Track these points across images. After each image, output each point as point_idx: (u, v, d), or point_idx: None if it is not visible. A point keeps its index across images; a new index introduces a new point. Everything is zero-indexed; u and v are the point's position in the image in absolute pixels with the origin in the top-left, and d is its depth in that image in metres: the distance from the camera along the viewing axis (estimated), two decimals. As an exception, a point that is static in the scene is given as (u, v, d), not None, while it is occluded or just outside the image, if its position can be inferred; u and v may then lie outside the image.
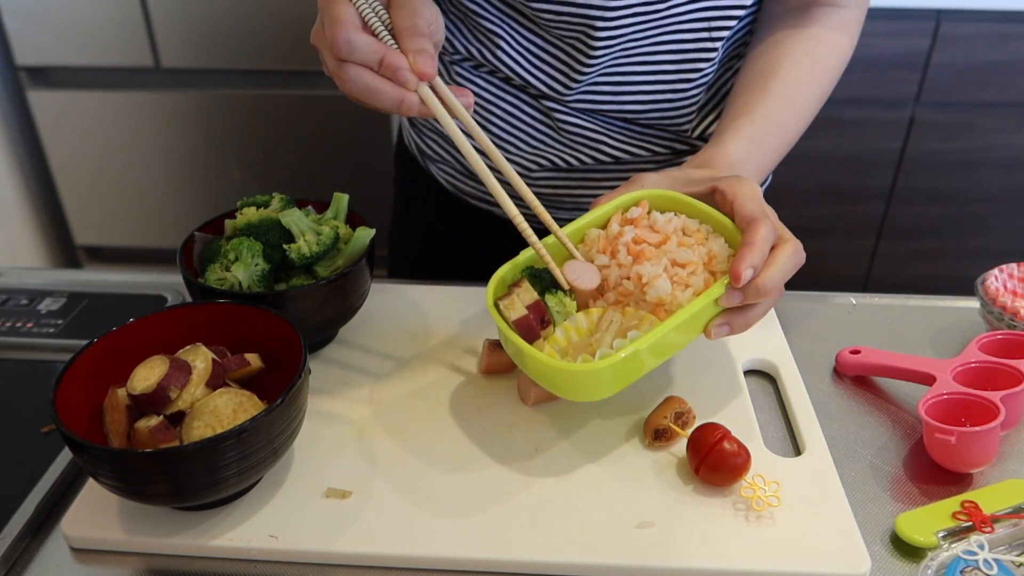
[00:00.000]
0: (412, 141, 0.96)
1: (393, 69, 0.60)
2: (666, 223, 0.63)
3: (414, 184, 0.99)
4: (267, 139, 1.93)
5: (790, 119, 0.74)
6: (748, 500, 0.58)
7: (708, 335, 0.61)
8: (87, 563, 0.57)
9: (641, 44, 0.76)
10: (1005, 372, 0.66)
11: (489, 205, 0.92)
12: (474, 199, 0.93)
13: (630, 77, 0.79)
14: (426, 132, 0.93)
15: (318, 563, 0.56)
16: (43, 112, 1.93)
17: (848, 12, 0.78)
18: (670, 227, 0.62)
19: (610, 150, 0.83)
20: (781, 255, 0.60)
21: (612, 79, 0.79)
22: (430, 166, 0.95)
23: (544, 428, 0.65)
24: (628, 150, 0.84)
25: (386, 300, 0.81)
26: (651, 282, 0.59)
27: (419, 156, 0.96)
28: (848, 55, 0.79)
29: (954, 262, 2.01)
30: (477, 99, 0.84)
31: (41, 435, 0.65)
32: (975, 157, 1.87)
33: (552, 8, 0.73)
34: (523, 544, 0.56)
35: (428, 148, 0.93)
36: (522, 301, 0.60)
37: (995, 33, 1.72)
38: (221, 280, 0.67)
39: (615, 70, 0.78)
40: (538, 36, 0.78)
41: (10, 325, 0.79)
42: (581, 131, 0.82)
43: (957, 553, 0.54)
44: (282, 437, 0.56)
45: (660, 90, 0.79)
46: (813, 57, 0.75)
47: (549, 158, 0.84)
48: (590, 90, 0.79)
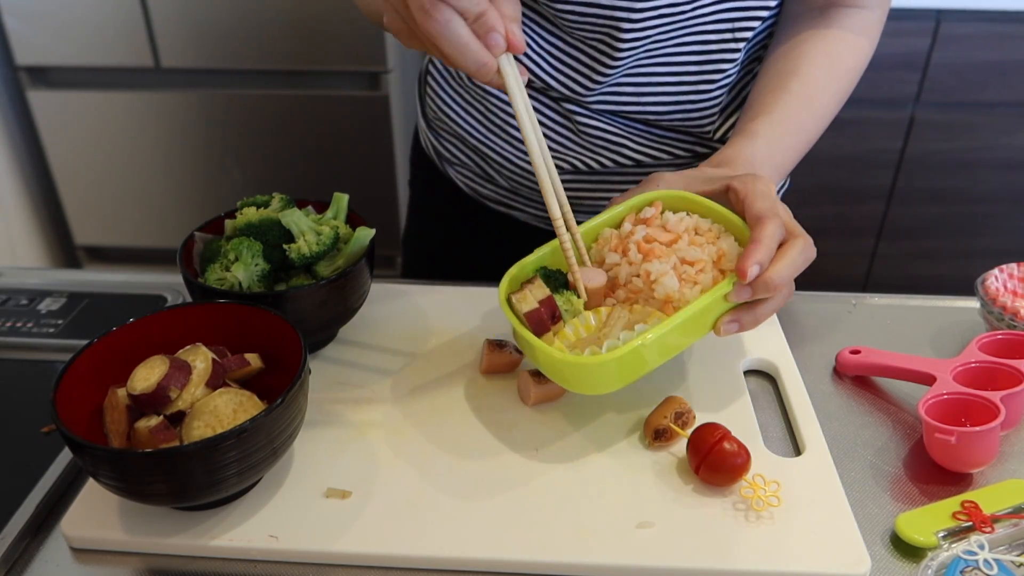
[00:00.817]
0: (429, 143, 0.96)
1: (488, 28, 0.55)
2: (678, 222, 0.64)
3: (430, 186, 0.99)
4: (267, 139, 1.93)
5: (810, 119, 0.74)
6: (748, 500, 0.58)
7: (717, 332, 0.61)
8: (87, 563, 0.57)
9: (665, 45, 0.76)
10: (1005, 372, 0.66)
11: (507, 208, 0.92)
12: (492, 202, 0.92)
13: (653, 79, 0.78)
14: (444, 135, 0.93)
15: (318, 563, 0.56)
16: (43, 112, 1.93)
17: (869, 13, 0.78)
18: (681, 226, 0.63)
19: (631, 153, 0.83)
20: (790, 251, 0.60)
21: (634, 80, 0.78)
22: (448, 169, 0.95)
23: (544, 428, 0.65)
24: (649, 153, 0.83)
25: (386, 300, 0.81)
26: (659, 279, 0.61)
27: (436, 159, 0.96)
28: (868, 56, 0.79)
29: (954, 262, 2.01)
30: (496, 102, 0.84)
31: (41, 435, 0.65)
32: (975, 157, 1.87)
33: (576, 9, 0.72)
34: (523, 544, 0.56)
35: (446, 151, 0.93)
36: (534, 296, 0.61)
37: (995, 33, 1.72)
38: (221, 280, 0.67)
39: (638, 71, 0.78)
40: (559, 39, 0.77)
41: (10, 325, 0.79)
42: (602, 134, 0.82)
43: (957, 553, 0.54)
44: (282, 437, 0.56)
45: (683, 91, 0.79)
46: (833, 57, 0.75)
47: (570, 161, 0.84)
48: (612, 91, 0.79)
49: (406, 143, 1.94)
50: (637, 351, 0.57)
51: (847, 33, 0.76)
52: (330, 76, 1.84)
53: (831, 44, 0.76)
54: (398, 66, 1.83)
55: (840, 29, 0.76)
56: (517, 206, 0.91)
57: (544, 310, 0.61)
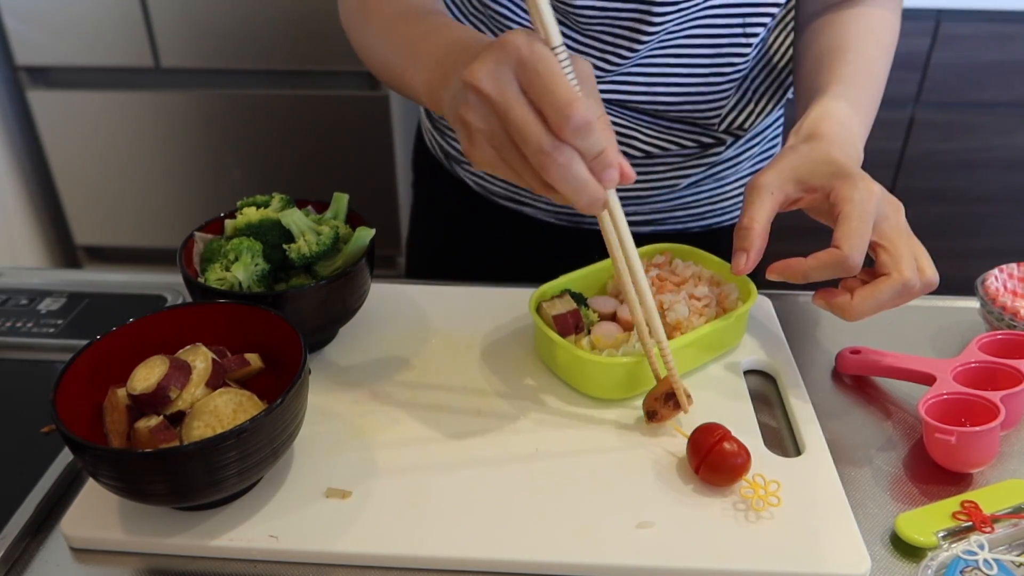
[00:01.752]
0: (435, 143, 0.96)
1: (606, 165, 0.50)
2: (685, 268, 0.75)
3: (436, 187, 0.99)
4: (267, 139, 1.93)
5: (873, 84, 0.74)
6: (748, 500, 0.58)
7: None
8: (87, 563, 0.56)
9: (676, 36, 0.76)
10: (1005, 372, 0.66)
11: (516, 204, 0.92)
12: (501, 198, 0.93)
13: (664, 69, 0.78)
14: (449, 134, 0.93)
15: (318, 563, 0.56)
16: (43, 112, 1.93)
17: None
18: (688, 272, 0.75)
19: (641, 144, 0.83)
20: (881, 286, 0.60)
21: (645, 71, 0.78)
22: (455, 167, 0.95)
23: (544, 428, 0.65)
24: (658, 144, 0.83)
25: (386, 300, 0.81)
26: (672, 306, 0.70)
27: (443, 158, 0.96)
28: (897, 35, 0.79)
29: (954, 262, 2.00)
30: None
31: (41, 435, 0.65)
32: (975, 157, 1.87)
33: (596, 4, 0.72)
34: (523, 544, 0.56)
35: (453, 150, 0.93)
36: (564, 306, 0.69)
37: (995, 33, 1.72)
38: (221, 280, 0.67)
39: (649, 63, 0.78)
40: (573, 30, 0.77)
41: (10, 325, 0.79)
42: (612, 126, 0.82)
43: (957, 553, 0.54)
44: (282, 437, 0.56)
45: (693, 83, 0.79)
46: (874, 33, 0.76)
47: None
48: (622, 80, 0.79)
49: (406, 143, 1.94)
50: None
51: (878, 9, 0.77)
52: (330, 76, 1.84)
53: (867, 21, 0.76)
54: (398, 66, 1.83)
55: (869, 6, 0.76)
56: (527, 201, 0.91)
57: (571, 317, 0.68)
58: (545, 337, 0.69)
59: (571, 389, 0.69)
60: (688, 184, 0.88)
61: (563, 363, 0.69)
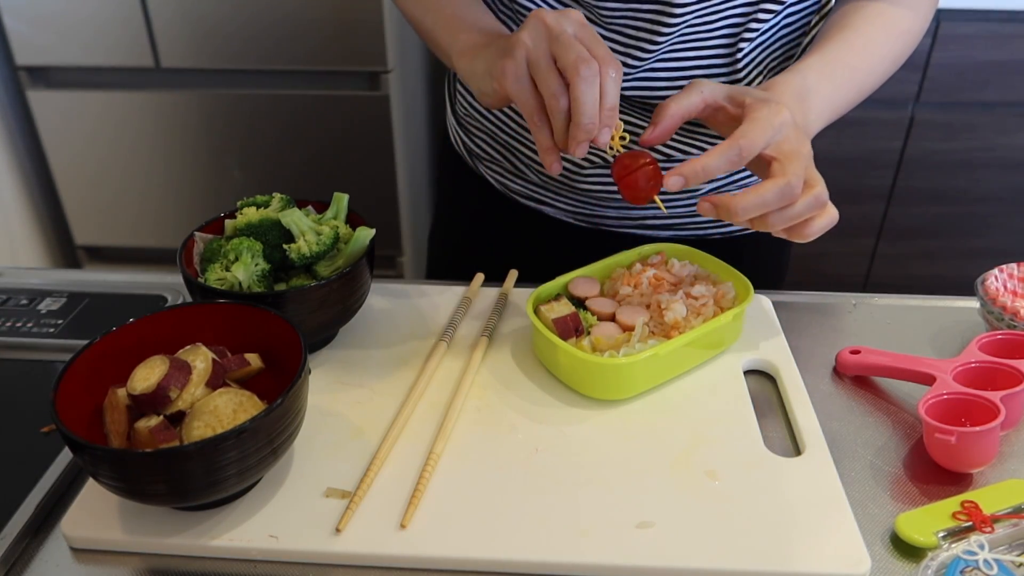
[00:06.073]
0: (459, 140, 0.97)
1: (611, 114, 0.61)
2: (681, 268, 0.76)
3: (459, 184, 1.00)
4: (267, 139, 1.93)
5: (861, 63, 0.74)
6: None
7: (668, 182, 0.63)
8: (87, 563, 0.57)
9: (698, 29, 0.76)
10: (1005, 372, 0.66)
11: (537, 203, 0.93)
12: (522, 197, 0.93)
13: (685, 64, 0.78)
14: (474, 132, 0.93)
15: (318, 563, 0.56)
16: (43, 112, 1.93)
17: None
18: (684, 272, 0.75)
19: (664, 148, 0.83)
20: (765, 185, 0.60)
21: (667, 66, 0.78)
22: (478, 165, 0.95)
23: (544, 428, 0.66)
24: (679, 148, 0.83)
25: (386, 300, 0.81)
26: (669, 306, 0.70)
27: (467, 155, 0.96)
28: (919, 31, 0.79)
29: (954, 262, 2.01)
30: None
31: (41, 435, 0.65)
32: (975, 157, 1.87)
33: None
34: (523, 544, 0.56)
35: (477, 147, 0.94)
36: (562, 309, 0.70)
37: (995, 33, 1.72)
38: (221, 280, 0.67)
39: (670, 58, 0.77)
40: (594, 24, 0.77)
41: (10, 325, 0.79)
42: (631, 128, 0.81)
43: (957, 553, 0.54)
44: (282, 437, 0.56)
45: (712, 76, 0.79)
46: (886, 17, 0.76)
47: (599, 155, 0.84)
48: (645, 76, 0.78)
49: (406, 143, 1.94)
50: (651, 360, 0.66)
51: (899, 8, 0.77)
52: (330, 76, 1.84)
53: (883, 6, 0.76)
54: (398, 66, 1.83)
55: (891, 4, 0.77)
56: (547, 201, 0.92)
57: (570, 319, 0.69)
58: (545, 340, 0.68)
59: (571, 389, 0.69)
60: (709, 190, 0.88)
61: (565, 366, 0.69)
